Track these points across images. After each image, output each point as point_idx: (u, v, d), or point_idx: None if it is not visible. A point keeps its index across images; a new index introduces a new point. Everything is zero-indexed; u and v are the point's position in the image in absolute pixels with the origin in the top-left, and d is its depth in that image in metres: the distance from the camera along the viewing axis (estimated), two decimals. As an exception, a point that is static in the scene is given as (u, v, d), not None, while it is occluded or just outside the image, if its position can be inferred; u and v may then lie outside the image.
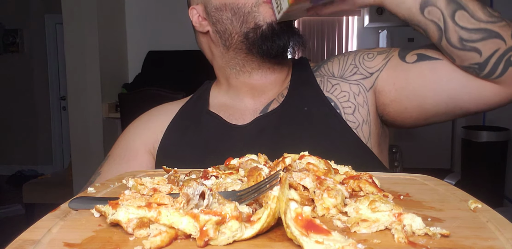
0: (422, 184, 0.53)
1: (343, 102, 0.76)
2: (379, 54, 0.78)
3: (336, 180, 0.46)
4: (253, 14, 0.74)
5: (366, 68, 0.78)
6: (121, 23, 3.11)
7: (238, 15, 0.75)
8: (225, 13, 0.77)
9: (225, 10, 0.77)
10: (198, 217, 0.33)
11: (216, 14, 0.78)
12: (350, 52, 0.83)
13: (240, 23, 0.76)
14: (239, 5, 0.75)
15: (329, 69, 0.82)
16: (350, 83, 0.78)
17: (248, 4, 0.74)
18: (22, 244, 0.34)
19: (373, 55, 0.79)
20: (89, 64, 2.79)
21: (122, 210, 0.36)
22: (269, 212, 0.35)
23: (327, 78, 0.81)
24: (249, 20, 0.75)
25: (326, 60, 0.85)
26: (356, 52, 0.82)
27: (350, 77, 0.79)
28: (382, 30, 4.86)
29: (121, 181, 0.52)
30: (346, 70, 0.80)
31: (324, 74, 0.82)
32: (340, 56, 0.84)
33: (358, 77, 0.78)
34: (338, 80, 0.79)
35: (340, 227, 0.38)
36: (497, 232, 0.36)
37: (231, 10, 0.76)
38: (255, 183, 0.41)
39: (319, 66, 0.84)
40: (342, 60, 0.81)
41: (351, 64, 0.80)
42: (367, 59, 0.79)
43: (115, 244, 0.34)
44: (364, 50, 0.81)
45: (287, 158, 0.47)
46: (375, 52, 0.79)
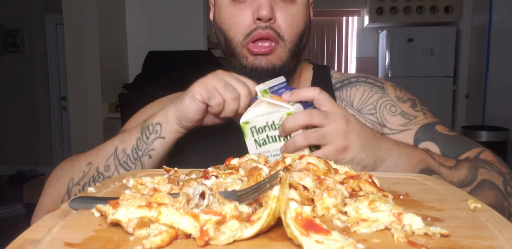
0: (421, 183, 0.53)
1: None
2: (401, 116, 0.76)
3: (336, 180, 0.46)
4: (238, 53, 0.73)
5: (382, 118, 0.77)
6: (121, 23, 3.11)
7: (227, 44, 0.74)
8: (219, 34, 0.76)
9: (220, 32, 0.75)
10: (198, 216, 0.34)
11: (217, 31, 0.77)
12: (379, 85, 0.80)
13: (230, 53, 0.74)
14: (227, 38, 0.73)
15: (350, 96, 0.80)
16: (366, 120, 0.77)
17: (235, 42, 0.72)
18: (22, 244, 0.34)
19: (396, 112, 0.77)
20: (89, 64, 2.79)
21: (123, 209, 0.36)
22: (269, 211, 0.35)
23: (345, 105, 0.79)
24: (235, 55, 0.73)
25: (351, 83, 0.81)
26: (383, 94, 0.79)
27: (366, 115, 0.78)
28: (381, 30, 4.86)
29: (121, 181, 0.52)
30: (364, 106, 0.78)
31: (344, 100, 0.80)
32: (367, 85, 0.81)
33: (373, 118, 0.77)
34: (355, 112, 0.78)
35: (340, 227, 0.38)
36: (496, 232, 0.36)
37: (223, 36, 0.74)
38: (255, 183, 0.41)
39: (342, 85, 0.81)
40: (366, 94, 0.79)
41: (371, 104, 0.78)
42: (389, 112, 0.77)
43: (116, 243, 0.34)
44: (392, 98, 0.78)
45: (287, 157, 0.47)
46: (400, 110, 0.77)
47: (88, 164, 0.72)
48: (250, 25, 0.70)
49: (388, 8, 4.54)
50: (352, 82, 0.82)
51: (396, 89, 0.81)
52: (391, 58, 4.48)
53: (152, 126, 0.69)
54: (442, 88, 4.30)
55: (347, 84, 0.82)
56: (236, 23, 0.71)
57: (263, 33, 0.70)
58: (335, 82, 0.83)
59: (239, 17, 0.71)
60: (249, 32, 0.70)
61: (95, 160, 0.72)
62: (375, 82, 0.82)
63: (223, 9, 0.73)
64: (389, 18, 4.58)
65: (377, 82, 0.82)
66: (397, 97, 0.79)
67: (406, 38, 4.40)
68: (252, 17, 0.70)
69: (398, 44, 4.44)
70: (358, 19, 5.40)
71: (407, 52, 4.41)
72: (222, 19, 0.74)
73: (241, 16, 0.71)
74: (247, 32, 0.71)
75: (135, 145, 0.70)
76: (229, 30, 0.72)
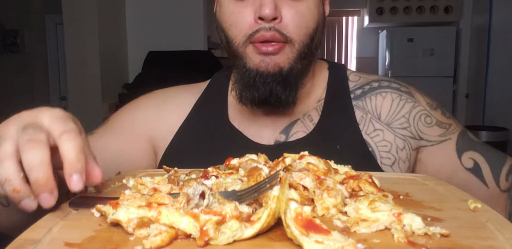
0: (421, 183, 0.53)
1: (382, 152, 0.68)
2: (438, 126, 0.70)
3: (336, 180, 0.46)
4: (239, 53, 0.65)
5: (418, 131, 0.70)
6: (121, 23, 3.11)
7: (228, 45, 0.66)
8: (220, 33, 0.68)
9: (221, 32, 0.68)
10: (198, 216, 0.34)
11: (218, 29, 0.70)
12: (406, 91, 0.72)
13: (232, 53, 0.67)
14: (228, 38, 0.66)
15: (376, 107, 0.71)
16: (396, 135, 0.69)
17: (236, 42, 0.65)
18: (22, 244, 0.34)
19: (431, 122, 0.70)
20: (89, 64, 2.79)
21: (123, 209, 0.36)
22: (269, 211, 0.35)
23: (371, 118, 0.70)
24: (237, 56, 0.66)
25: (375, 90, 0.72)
26: (414, 103, 0.71)
27: (397, 129, 0.70)
28: (381, 30, 4.86)
29: (121, 181, 0.52)
30: (395, 119, 0.70)
31: (368, 111, 0.71)
32: (394, 92, 0.72)
33: (406, 133, 0.70)
34: (383, 126, 0.70)
35: (340, 227, 0.38)
36: (496, 232, 0.36)
37: (224, 36, 0.67)
38: (255, 182, 0.41)
39: (364, 92, 0.72)
40: (396, 104, 0.71)
41: (403, 117, 0.70)
42: (424, 123, 0.70)
43: (116, 243, 0.34)
44: (424, 106, 0.71)
45: (287, 158, 0.47)
46: (435, 120, 0.71)
47: None
48: (252, 25, 0.63)
49: (388, 8, 4.54)
50: (375, 88, 0.73)
51: (423, 95, 0.74)
52: (391, 58, 4.48)
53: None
54: (442, 88, 4.30)
55: (370, 91, 0.73)
56: (236, 22, 0.64)
57: (266, 36, 0.62)
58: (353, 87, 0.74)
59: (240, 15, 0.64)
60: (251, 33, 0.63)
61: None
62: (401, 87, 0.73)
63: (224, 6, 0.66)
64: (389, 18, 4.58)
65: (403, 87, 0.73)
66: (428, 104, 0.72)
67: (406, 38, 4.40)
68: (254, 16, 0.63)
69: (398, 44, 4.44)
70: (358, 19, 5.40)
71: (407, 52, 4.41)
72: (222, 16, 0.67)
73: (243, 15, 0.64)
74: (248, 33, 0.63)
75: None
76: (229, 29, 0.65)
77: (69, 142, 0.40)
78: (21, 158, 0.39)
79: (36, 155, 0.38)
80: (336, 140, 0.68)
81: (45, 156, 0.39)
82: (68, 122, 0.42)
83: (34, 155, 0.38)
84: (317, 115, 0.71)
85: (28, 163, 0.38)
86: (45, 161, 0.39)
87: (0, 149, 0.39)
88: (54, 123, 0.42)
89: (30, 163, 0.38)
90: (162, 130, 0.74)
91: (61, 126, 0.41)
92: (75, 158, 0.40)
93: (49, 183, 0.38)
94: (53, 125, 0.41)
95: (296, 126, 0.71)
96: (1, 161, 0.38)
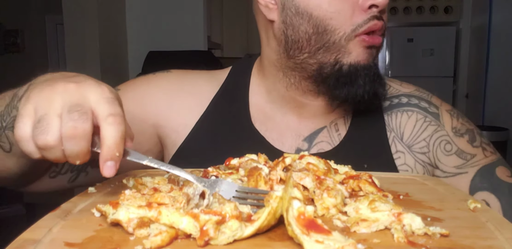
0: (421, 183, 0.53)
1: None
2: (457, 156, 0.64)
3: (336, 180, 0.46)
4: (339, 47, 0.58)
5: (435, 158, 0.65)
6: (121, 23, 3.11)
7: (321, 37, 0.58)
8: (305, 24, 0.59)
9: (307, 22, 0.59)
10: (198, 216, 0.34)
11: (293, 17, 0.60)
12: (434, 112, 0.67)
13: (319, 47, 0.59)
14: (327, 28, 0.58)
15: (400, 126, 0.66)
16: (416, 160, 0.65)
17: (339, 33, 0.57)
18: (22, 244, 0.34)
19: (451, 151, 0.64)
20: (89, 64, 2.80)
21: (123, 209, 0.36)
22: (270, 210, 0.35)
23: (394, 137, 0.66)
24: (331, 50, 0.58)
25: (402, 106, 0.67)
26: (438, 127, 0.66)
27: (417, 154, 0.65)
28: (382, 31, 4.85)
29: (121, 181, 0.52)
30: (416, 142, 0.65)
31: (392, 129, 0.66)
32: (420, 112, 0.67)
33: (425, 159, 0.65)
34: (404, 148, 0.65)
35: (340, 227, 0.38)
36: (496, 232, 0.36)
37: (314, 26, 0.58)
38: (255, 182, 0.41)
39: (392, 106, 0.67)
40: (419, 125, 0.66)
41: (424, 140, 0.65)
42: (443, 150, 0.65)
43: (116, 243, 0.34)
44: (448, 131, 0.65)
45: (287, 157, 0.47)
46: (456, 149, 0.64)
47: None
48: (361, 13, 0.57)
49: (388, 8, 4.53)
50: (403, 104, 0.68)
51: (453, 117, 0.68)
52: (391, 58, 4.48)
53: (17, 98, 0.48)
54: (442, 88, 4.30)
55: (397, 106, 0.68)
56: (342, 10, 0.57)
57: (378, 25, 0.57)
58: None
59: (346, 2, 0.57)
60: (361, 22, 0.57)
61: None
62: (429, 108, 0.68)
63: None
64: (389, 18, 4.57)
65: (432, 107, 0.68)
66: (453, 129, 0.66)
67: (406, 38, 4.40)
68: (363, 4, 0.57)
69: (398, 44, 4.44)
70: (358, 19, 5.40)
71: (407, 52, 4.41)
72: (316, 3, 0.58)
73: (348, 1, 0.57)
74: (358, 22, 0.57)
75: (2, 111, 0.50)
76: (331, 18, 0.57)
77: (114, 127, 0.39)
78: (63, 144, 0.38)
79: (75, 146, 0.38)
80: (364, 156, 0.63)
81: (85, 149, 0.39)
82: (116, 105, 0.41)
83: (74, 146, 0.38)
84: (344, 126, 0.66)
85: (68, 152, 0.39)
86: (84, 153, 0.39)
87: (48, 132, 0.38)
88: (101, 104, 0.40)
89: (70, 152, 0.39)
90: (174, 121, 0.68)
91: (108, 108, 0.40)
92: (115, 145, 0.39)
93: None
94: (100, 106, 0.40)
95: (321, 135, 0.66)
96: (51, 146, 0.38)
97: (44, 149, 0.38)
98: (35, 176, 0.59)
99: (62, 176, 0.63)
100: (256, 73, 0.71)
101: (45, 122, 0.38)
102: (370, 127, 0.66)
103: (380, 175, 0.55)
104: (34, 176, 0.59)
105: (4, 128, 0.50)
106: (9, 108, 0.50)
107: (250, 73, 0.71)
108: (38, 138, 0.38)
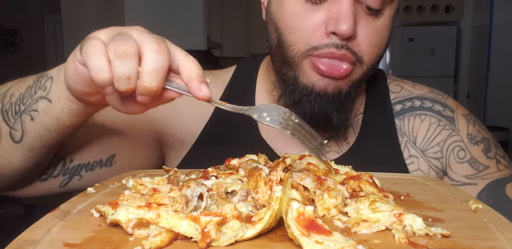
0: (422, 184, 0.53)
1: None
2: (469, 165, 0.62)
3: (337, 180, 0.46)
4: (295, 63, 0.55)
5: (447, 165, 0.63)
6: (121, 23, 3.11)
7: (281, 50, 0.56)
8: (273, 33, 0.58)
9: (274, 31, 0.57)
10: (199, 219, 0.33)
11: (268, 22, 0.59)
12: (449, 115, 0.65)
13: (282, 59, 0.57)
14: (285, 41, 0.55)
15: (413, 130, 0.64)
16: (430, 166, 0.63)
17: (293, 50, 0.55)
18: (21, 244, 0.34)
19: (463, 158, 0.62)
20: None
21: (122, 210, 0.36)
22: (272, 213, 0.35)
23: (407, 141, 0.64)
24: (290, 66, 0.56)
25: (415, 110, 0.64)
26: (452, 131, 0.64)
27: (430, 159, 0.63)
28: (382, 30, 4.85)
29: (120, 181, 0.52)
30: (429, 147, 0.63)
31: (404, 133, 0.64)
32: (434, 116, 0.64)
33: (438, 164, 0.63)
34: (418, 152, 0.63)
35: (341, 227, 0.38)
36: (497, 233, 0.36)
37: (278, 37, 0.57)
38: (255, 183, 0.41)
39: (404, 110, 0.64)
40: (433, 129, 0.63)
41: (438, 145, 0.63)
42: (456, 157, 0.62)
43: (115, 244, 0.34)
44: (463, 137, 0.63)
45: (287, 158, 0.47)
46: (469, 157, 0.62)
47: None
48: (320, 36, 0.53)
49: (389, 7, 4.53)
50: (416, 108, 0.65)
51: (469, 123, 0.65)
52: (392, 58, 4.48)
53: (45, 78, 0.49)
54: (443, 88, 4.23)
55: (410, 110, 0.65)
56: (301, 27, 0.53)
57: (336, 54, 0.52)
58: (394, 99, 0.66)
59: (307, 20, 0.53)
60: (317, 45, 0.53)
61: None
62: (444, 111, 0.65)
63: (287, 1, 0.54)
64: (389, 18, 4.58)
65: (447, 111, 0.65)
66: (469, 136, 0.64)
67: (406, 38, 4.39)
68: (326, 27, 0.52)
69: (398, 43, 4.43)
70: (358, 19, 5.40)
71: (408, 52, 4.41)
72: (281, 14, 0.55)
73: (310, 21, 0.53)
74: (314, 44, 0.53)
75: (22, 94, 0.50)
76: (289, 33, 0.54)
77: (192, 59, 0.41)
78: (142, 55, 0.38)
79: (158, 61, 0.38)
80: (374, 163, 0.61)
81: (166, 65, 0.39)
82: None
83: (156, 59, 0.38)
84: (353, 134, 0.63)
85: (147, 62, 0.38)
86: (164, 70, 0.39)
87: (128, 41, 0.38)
88: (176, 49, 0.42)
89: (151, 63, 0.38)
90: (178, 127, 0.65)
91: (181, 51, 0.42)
92: (201, 71, 0.41)
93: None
94: (175, 49, 0.42)
95: (329, 144, 0.64)
96: (129, 56, 0.37)
97: (122, 57, 0.37)
98: (31, 176, 0.58)
99: (54, 179, 0.60)
100: (262, 75, 0.68)
101: (122, 36, 0.38)
102: (380, 133, 0.64)
103: (381, 175, 0.54)
104: (31, 176, 0.58)
105: (22, 112, 0.49)
106: (32, 90, 0.49)
107: (256, 75, 0.69)
108: (117, 47, 0.37)
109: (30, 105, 0.48)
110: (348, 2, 0.51)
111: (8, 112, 0.50)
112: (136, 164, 0.66)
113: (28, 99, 0.49)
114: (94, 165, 0.62)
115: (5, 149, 0.50)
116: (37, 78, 0.49)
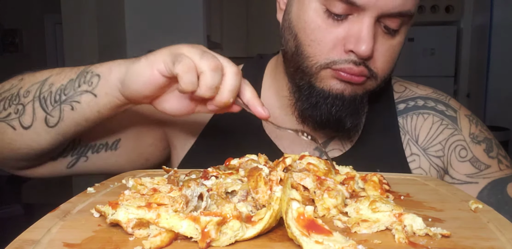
0: (422, 184, 0.53)
1: None
2: (471, 164, 0.63)
3: (337, 180, 0.46)
4: (311, 72, 0.57)
5: (448, 163, 0.64)
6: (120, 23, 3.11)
7: (298, 59, 0.57)
8: (291, 41, 0.58)
9: (293, 39, 0.58)
10: (199, 219, 0.33)
11: (286, 30, 0.60)
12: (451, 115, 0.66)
13: (297, 67, 0.58)
14: (304, 53, 0.56)
15: (416, 128, 0.65)
16: (431, 164, 0.63)
17: (312, 61, 0.56)
18: (21, 244, 0.34)
19: (465, 157, 0.63)
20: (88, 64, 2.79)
21: (122, 210, 0.36)
22: (272, 213, 0.35)
23: (409, 139, 0.65)
24: (305, 74, 0.58)
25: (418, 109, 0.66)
26: (454, 130, 0.64)
27: (432, 157, 0.64)
28: (382, 30, 4.85)
29: (120, 181, 0.52)
30: (431, 145, 0.64)
31: (407, 131, 0.65)
32: (437, 115, 0.66)
33: (439, 163, 0.64)
34: (419, 150, 0.64)
35: (341, 228, 0.38)
36: (498, 233, 0.36)
37: (296, 46, 0.57)
38: (255, 183, 0.41)
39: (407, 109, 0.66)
40: (435, 128, 0.64)
41: (440, 143, 0.64)
42: (458, 156, 0.63)
43: (115, 244, 0.34)
44: (465, 136, 0.64)
45: (287, 158, 0.47)
46: (471, 156, 0.63)
47: (20, 79, 0.57)
48: (340, 52, 0.55)
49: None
50: (419, 107, 0.67)
51: (472, 123, 0.66)
52: (391, 58, 4.47)
53: (91, 74, 0.53)
54: (443, 88, 4.23)
55: (413, 109, 0.67)
56: (321, 41, 0.55)
57: (355, 70, 0.54)
58: (398, 99, 0.68)
59: (328, 35, 0.55)
60: (337, 60, 0.55)
61: (28, 79, 0.57)
62: (446, 111, 0.67)
63: (309, 13, 0.55)
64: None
65: (449, 111, 0.67)
66: (471, 135, 0.65)
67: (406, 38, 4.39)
68: (345, 45, 0.54)
69: (398, 43, 4.43)
70: (358, 19, 5.40)
71: (408, 52, 4.40)
72: (302, 25, 0.56)
73: (331, 36, 0.54)
74: (333, 59, 0.55)
75: (64, 85, 0.54)
76: (309, 45, 0.56)
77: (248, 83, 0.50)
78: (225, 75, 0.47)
79: (237, 81, 0.48)
80: (376, 161, 0.62)
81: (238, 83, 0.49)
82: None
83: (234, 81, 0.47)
84: (357, 132, 0.64)
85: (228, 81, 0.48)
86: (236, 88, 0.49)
87: (214, 58, 0.47)
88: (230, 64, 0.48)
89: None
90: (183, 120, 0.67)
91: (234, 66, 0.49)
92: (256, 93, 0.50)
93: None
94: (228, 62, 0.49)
95: (332, 143, 0.65)
96: (220, 70, 0.47)
97: (214, 71, 0.46)
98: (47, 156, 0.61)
99: (63, 159, 0.63)
100: (269, 75, 0.69)
101: (210, 54, 0.47)
102: (382, 131, 0.65)
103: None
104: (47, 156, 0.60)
105: (62, 101, 0.53)
106: (75, 83, 0.54)
107: (263, 74, 0.70)
108: (211, 62, 0.46)
109: (72, 96, 0.53)
110: (369, 23, 0.53)
111: (46, 100, 0.54)
112: (141, 151, 0.68)
113: (70, 90, 0.53)
114: (100, 147, 0.65)
115: (37, 131, 0.54)
116: (81, 73, 0.54)
